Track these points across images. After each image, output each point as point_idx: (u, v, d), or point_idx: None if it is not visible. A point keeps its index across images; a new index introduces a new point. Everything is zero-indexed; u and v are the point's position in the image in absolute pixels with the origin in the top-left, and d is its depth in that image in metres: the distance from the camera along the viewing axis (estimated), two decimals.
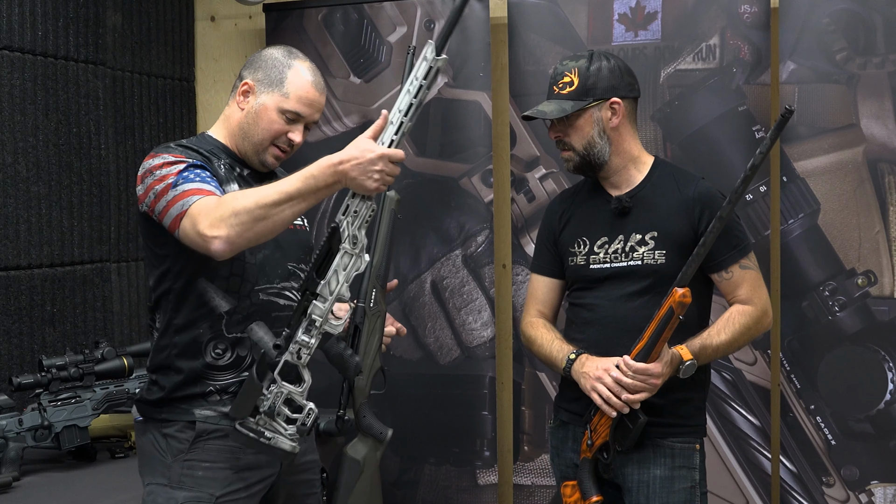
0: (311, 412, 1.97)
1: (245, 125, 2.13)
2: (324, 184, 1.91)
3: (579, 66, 2.26)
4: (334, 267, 1.95)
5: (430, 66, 1.88)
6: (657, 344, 2.09)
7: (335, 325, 1.97)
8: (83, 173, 3.35)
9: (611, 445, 2.19)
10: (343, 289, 1.95)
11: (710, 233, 2.07)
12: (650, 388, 2.12)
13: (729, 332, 2.20)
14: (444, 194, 3.48)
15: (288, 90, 2.11)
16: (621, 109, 2.26)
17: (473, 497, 3.48)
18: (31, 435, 2.76)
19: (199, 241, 1.92)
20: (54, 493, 2.62)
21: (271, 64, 2.13)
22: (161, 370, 2.11)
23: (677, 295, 2.05)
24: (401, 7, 3.51)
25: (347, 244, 1.95)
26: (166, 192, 1.98)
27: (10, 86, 3.07)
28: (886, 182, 3.05)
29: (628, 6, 3.26)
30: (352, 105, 3.57)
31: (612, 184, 2.32)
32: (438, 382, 3.51)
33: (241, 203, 1.90)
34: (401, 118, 1.91)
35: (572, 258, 2.33)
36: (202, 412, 2.07)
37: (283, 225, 1.95)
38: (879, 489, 3.06)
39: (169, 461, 2.07)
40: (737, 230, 2.26)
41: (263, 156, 2.14)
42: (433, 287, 3.52)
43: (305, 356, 1.97)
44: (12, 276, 3.08)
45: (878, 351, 3.06)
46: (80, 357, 2.87)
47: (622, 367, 2.12)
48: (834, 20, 3.07)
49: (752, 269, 2.26)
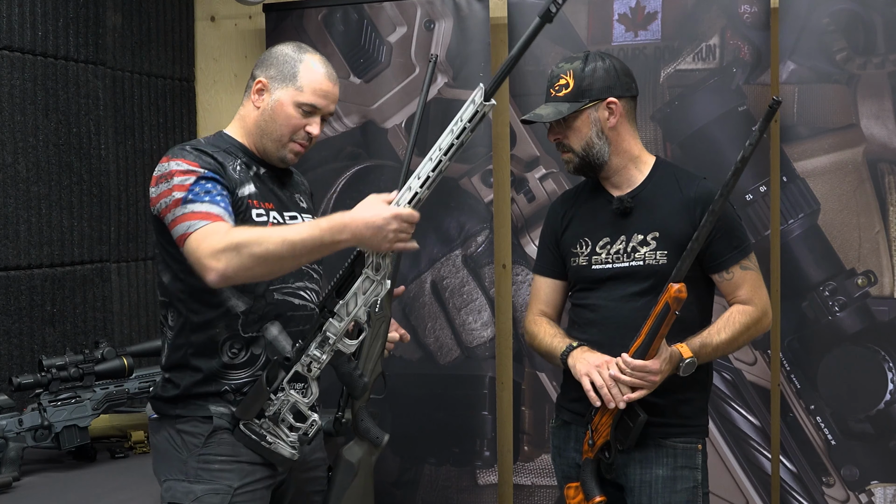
0: (314, 423, 2.04)
1: (262, 123, 2.15)
2: (330, 238, 1.93)
3: (574, 67, 2.26)
4: (354, 289, 2.02)
5: (477, 111, 1.93)
6: (654, 340, 2.09)
7: (348, 345, 2.04)
8: (83, 173, 3.35)
9: (612, 445, 2.19)
10: (361, 312, 2.01)
11: (702, 227, 2.07)
12: (649, 385, 2.12)
13: (729, 332, 2.21)
14: (444, 194, 3.48)
15: (302, 84, 2.13)
16: (618, 109, 2.26)
17: (473, 497, 3.48)
18: (31, 435, 2.76)
19: (198, 266, 1.95)
20: (54, 493, 2.62)
21: (283, 60, 2.15)
22: (177, 369, 2.13)
23: (672, 290, 2.05)
24: (401, 7, 3.51)
25: (370, 270, 2.00)
26: (176, 207, 2.00)
27: (10, 86, 3.07)
28: (886, 182, 3.05)
29: (628, 6, 3.26)
30: (352, 105, 3.57)
31: (612, 184, 2.32)
32: (438, 382, 3.51)
33: (246, 242, 1.92)
34: (440, 156, 1.95)
35: (574, 259, 2.33)
36: (217, 408, 2.09)
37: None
38: (879, 489, 3.06)
39: (185, 457, 2.09)
40: (738, 231, 2.27)
41: (283, 152, 2.16)
42: (433, 287, 3.52)
43: (315, 370, 2.03)
44: (12, 276, 3.08)
45: (878, 351, 3.06)
46: (80, 357, 2.87)
47: (620, 365, 2.12)
48: (834, 20, 3.07)
49: (753, 269, 2.26)
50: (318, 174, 3.58)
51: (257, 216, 2.09)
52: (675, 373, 2.15)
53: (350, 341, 2.03)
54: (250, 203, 2.09)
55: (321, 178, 3.59)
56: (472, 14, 3.44)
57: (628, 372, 2.11)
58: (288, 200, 2.21)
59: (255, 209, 2.09)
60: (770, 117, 1.98)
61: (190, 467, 2.07)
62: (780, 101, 1.96)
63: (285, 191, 2.22)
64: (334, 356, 2.04)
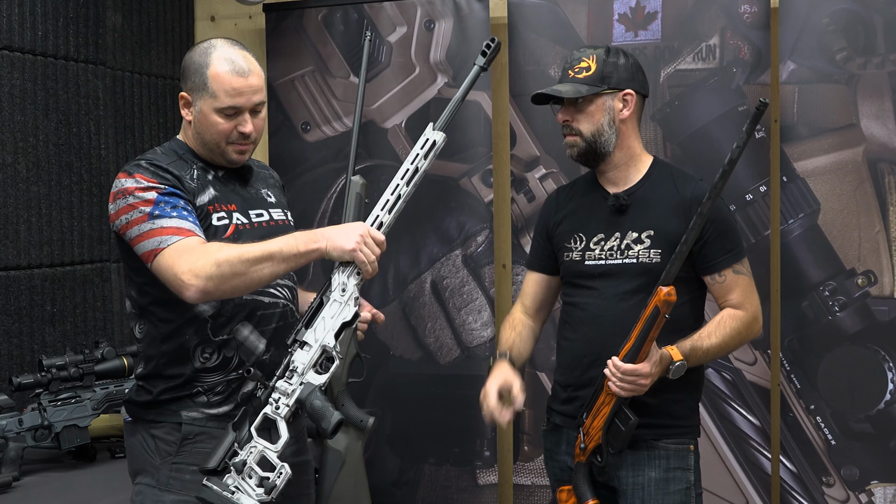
0: (282, 472, 1.92)
1: (197, 134, 2.12)
2: (304, 246, 1.97)
3: (598, 53, 2.27)
4: (322, 315, 1.99)
5: (427, 139, 2.04)
6: (644, 344, 2.08)
7: (317, 377, 1.97)
8: (83, 173, 3.35)
9: (604, 448, 2.18)
10: (329, 337, 1.97)
11: (691, 229, 2.06)
12: (640, 389, 2.11)
13: (719, 336, 2.20)
14: (444, 194, 3.48)
15: (214, 89, 2.05)
16: (633, 102, 2.26)
17: (473, 497, 3.48)
18: (31, 435, 2.76)
19: (173, 282, 1.94)
20: (54, 493, 2.62)
21: (194, 69, 2.09)
22: (150, 378, 2.11)
23: (662, 293, 2.04)
24: (401, 7, 3.51)
25: (337, 293, 1.99)
26: (141, 222, 1.98)
27: (10, 86, 3.07)
28: (886, 182, 3.05)
29: (628, 6, 3.26)
30: (352, 105, 3.57)
31: (609, 180, 2.31)
32: (438, 382, 3.51)
33: (224, 256, 1.93)
34: (397, 181, 2.03)
35: (567, 254, 2.33)
36: (189, 414, 2.07)
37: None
38: (879, 489, 3.06)
39: (157, 462, 2.07)
40: (732, 234, 2.27)
41: (227, 156, 2.12)
42: (433, 287, 3.52)
43: (284, 408, 1.95)
44: (12, 276, 3.08)
45: (878, 351, 3.06)
46: (80, 357, 2.87)
47: (611, 368, 2.11)
48: (834, 20, 3.07)
49: (745, 274, 2.26)
50: (318, 174, 3.59)
51: (218, 220, 2.07)
52: (665, 375, 2.14)
53: (318, 376, 1.96)
54: (209, 210, 2.07)
55: (321, 178, 3.59)
56: (472, 14, 3.44)
57: (619, 376, 2.09)
58: (252, 198, 2.18)
59: (215, 214, 2.07)
60: (757, 119, 1.96)
61: (162, 474, 2.06)
62: (767, 102, 1.95)
63: (248, 188, 2.19)
64: (302, 389, 1.95)
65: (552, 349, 3.38)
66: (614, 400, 2.14)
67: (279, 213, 2.22)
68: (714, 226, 2.19)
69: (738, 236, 2.30)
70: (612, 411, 2.15)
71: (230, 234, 2.07)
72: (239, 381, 2.09)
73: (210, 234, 2.05)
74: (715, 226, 2.19)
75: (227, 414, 2.08)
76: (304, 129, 3.62)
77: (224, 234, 2.07)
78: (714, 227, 2.19)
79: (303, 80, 3.58)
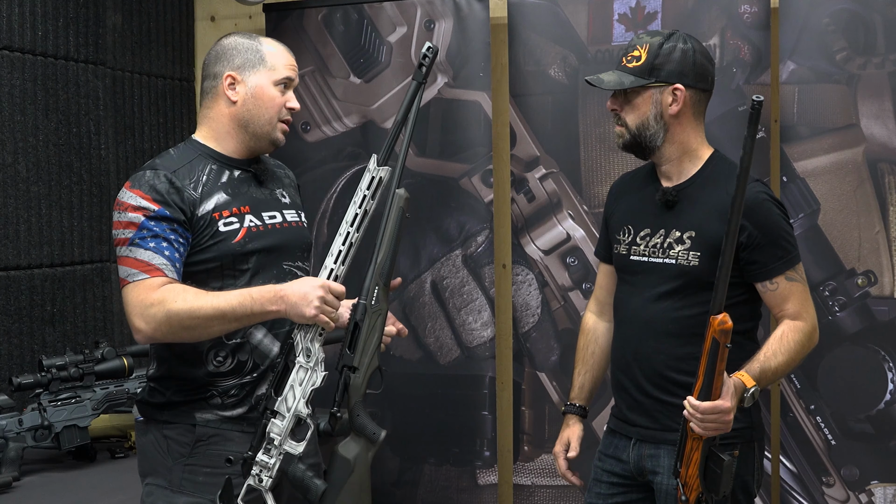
0: None
1: (245, 113, 2.13)
2: (260, 308, 1.96)
3: (652, 42, 2.15)
4: (290, 382, 1.97)
5: (373, 177, 1.99)
6: (715, 378, 1.92)
7: (295, 446, 1.96)
8: (83, 173, 3.35)
9: (707, 498, 2.00)
10: (300, 405, 1.96)
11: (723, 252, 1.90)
12: (725, 426, 1.95)
13: (784, 353, 2.08)
14: (444, 194, 3.48)
15: (272, 63, 2.15)
16: (683, 97, 2.13)
17: (473, 497, 3.48)
18: (31, 435, 2.76)
19: (128, 319, 2.02)
20: (54, 493, 2.62)
21: (242, 49, 2.15)
22: (163, 380, 2.12)
23: (715, 323, 1.89)
24: (401, 7, 3.51)
25: (302, 357, 1.98)
26: (122, 245, 2.03)
27: (10, 86, 3.07)
28: (886, 182, 3.05)
29: (628, 6, 3.26)
30: (352, 105, 3.57)
31: (663, 173, 2.22)
32: (438, 382, 3.51)
33: (176, 309, 1.95)
34: (347, 228, 1.98)
35: (617, 245, 2.28)
36: (203, 416, 2.08)
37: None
38: (879, 489, 3.06)
39: (170, 463, 2.07)
40: (784, 240, 2.13)
41: (275, 133, 2.16)
42: (433, 287, 3.52)
43: (267, 479, 1.95)
44: (12, 276, 3.08)
45: (878, 351, 3.06)
46: (80, 357, 2.87)
47: (690, 410, 1.94)
48: (834, 20, 3.07)
49: (799, 281, 2.14)
50: (318, 174, 3.59)
51: (225, 225, 2.07)
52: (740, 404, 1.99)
53: (297, 443, 1.96)
54: (214, 217, 2.07)
55: (321, 178, 3.59)
56: (472, 14, 3.44)
57: (699, 416, 1.93)
58: (267, 199, 2.18)
59: (221, 220, 2.07)
60: (756, 119, 1.82)
61: (175, 476, 2.06)
62: (761, 99, 1.81)
63: (263, 189, 2.19)
64: (283, 460, 1.96)
65: (553, 349, 3.40)
66: (702, 443, 1.98)
67: (293, 215, 2.22)
68: (761, 232, 2.09)
69: (790, 240, 2.15)
70: (702, 456, 1.99)
71: (241, 238, 2.08)
72: (253, 383, 2.10)
73: (217, 240, 2.06)
74: (762, 232, 2.09)
75: (241, 416, 2.09)
76: (304, 129, 3.63)
77: (234, 238, 2.07)
78: (762, 234, 2.09)
79: (303, 80, 3.57)
